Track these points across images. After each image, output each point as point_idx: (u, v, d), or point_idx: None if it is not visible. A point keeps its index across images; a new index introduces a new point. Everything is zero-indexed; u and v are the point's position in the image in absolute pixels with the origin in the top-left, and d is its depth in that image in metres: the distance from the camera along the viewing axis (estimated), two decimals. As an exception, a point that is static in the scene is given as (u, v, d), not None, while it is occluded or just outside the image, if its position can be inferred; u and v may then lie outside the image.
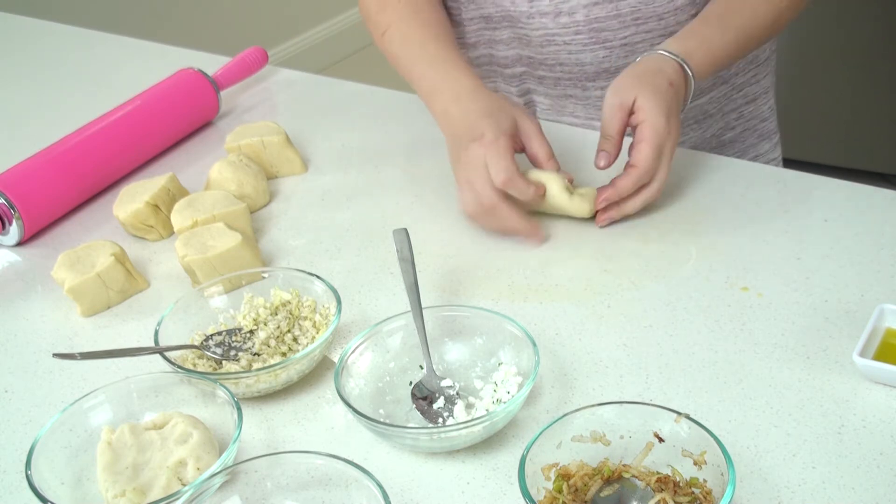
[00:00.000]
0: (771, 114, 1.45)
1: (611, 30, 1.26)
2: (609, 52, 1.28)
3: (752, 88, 1.40)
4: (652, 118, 1.08)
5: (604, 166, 1.12)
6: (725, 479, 0.74)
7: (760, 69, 1.40)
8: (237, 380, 0.93)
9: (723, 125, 1.39)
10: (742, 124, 1.41)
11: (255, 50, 1.54)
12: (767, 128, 1.44)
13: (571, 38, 1.28)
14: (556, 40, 1.28)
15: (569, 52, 1.29)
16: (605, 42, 1.27)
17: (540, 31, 1.28)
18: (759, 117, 1.43)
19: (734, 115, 1.40)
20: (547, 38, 1.29)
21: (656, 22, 1.26)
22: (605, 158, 1.12)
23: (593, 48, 1.28)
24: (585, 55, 1.29)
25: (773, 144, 1.46)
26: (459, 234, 1.16)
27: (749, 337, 0.96)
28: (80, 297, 1.09)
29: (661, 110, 1.08)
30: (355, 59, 3.56)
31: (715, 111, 1.38)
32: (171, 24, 3.01)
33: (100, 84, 1.64)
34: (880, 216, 1.10)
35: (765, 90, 1.42)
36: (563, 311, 1.02)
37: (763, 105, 1.43)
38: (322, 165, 1.34)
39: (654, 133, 1.08)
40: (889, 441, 0.83)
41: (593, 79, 1.32)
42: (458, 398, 0.91)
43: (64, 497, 0.85)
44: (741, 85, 1.39)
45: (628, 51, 1.28)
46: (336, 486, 0.81)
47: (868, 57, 2.68)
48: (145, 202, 1.20)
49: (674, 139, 1.10)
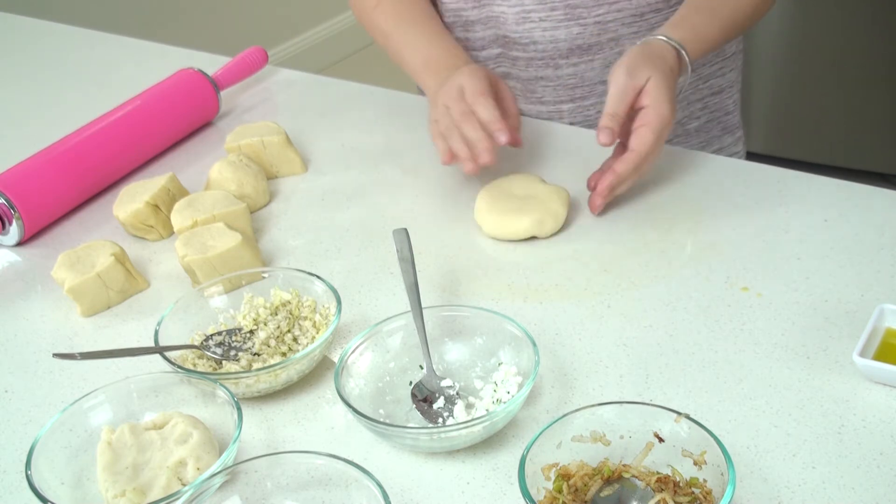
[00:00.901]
0: (735, 108, 1.47)
1: (585, 6, 1.29)
2: (583, 30, 1.31)
3: (717, 81, 1.42)
4: (658, 104, 1.10)
5: (607, 143, 1.10)
6: (725, 479, 0.74)
7: (727, 63, 1.43)
8: (237, 380, 0.93)
9: (687, 114, 1.41)
10: (706, 115, 1.43)
11: (255, 50, 1.54)
12: (731, 121, 1.46)
13: (547, 15, 1.31)
14: (532, 17, 1.31)
15: (543, 29, 1.32)
16: (580, 19, 1.30)
17: (516, 9, 1.31)
18: (723, 110, 1.45)
19: (699, 105, 1.42)
20: (522, 16, 1.32)
21: (627, 2, 1.29)
22: (609, 136, 1.09)
23: (567, 24, 1.31)
24: (560, 31, 1.31)
25: (736, 139, 1.48)
26: (459, 234, 1.16)
27: (749, 337, 0.96)
28: (80, 297, 1.09)
29: (667, 97, 1.10)
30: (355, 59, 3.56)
31: (680, 99, 1.37)
32: (171, 24, 3.01)
33: (100, 84, 1.64)
34: (880, 216, 1.10)
35: (730, 84, 1.44)
36: (563, 311, 1.02)
37: (727, 99, 1.45)
38: (322, 165, 1.34)
39: (659, 119, 1.10)
40: (889, 441, 0.83)
41: (566, 56, 1.34)
42: (458, 398, 0.91)
43: (64, 497, 0.85)
44: (707, 76, 1.41)
45: (601, 29, 1.31)
46: (336, 486, 0.81)
47: (868, 56, 2.68)
48: (145, 202, 1.20)
49: (672, 126, 1.12)
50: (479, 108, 1.14)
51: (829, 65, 2.74)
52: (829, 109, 2.78)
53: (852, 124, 2.79)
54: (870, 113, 2.75)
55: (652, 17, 1.32)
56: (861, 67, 2.71)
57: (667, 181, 1.18)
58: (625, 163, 1.11)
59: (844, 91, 2.75)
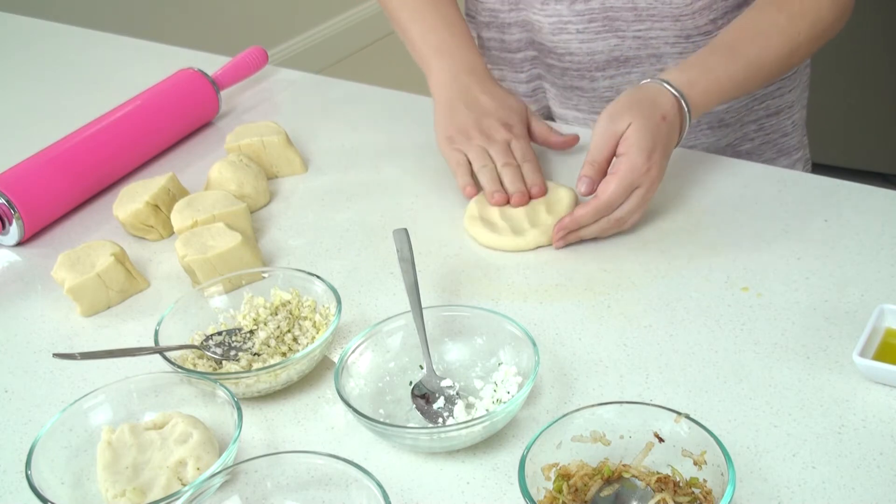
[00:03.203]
0: (794, 129, 1.40)
1: (625, 20, 1.25)
2: (620, 41, 1.27)
3: (775, 101, 1.36)
4: (632, 154, 1.05)
5: (585, 192, 1.08)
6: (725, 479, 0.74)
7: (786, 82, 1.36)
8: (237, 380, 0.93)
9: (740, 136, 1.36)
10: (761, 137, 1.37)
11: (255, 50, 1.54)
12: (788, 143, 1.39)
13: (585, 27, 1.27)
14: (569, 28, 1.28)
15: (580, 40, 1.29)
16: (618, 31, 1.27)
17: (553, 18, 1.28)
18: (780, 131, 1.38)
19: (753, 127, 1.36)
20: (559, 26, 1.29)
21: (672, 22, 1.25)
22: (587, 185, 1.08)
23: (605, 36, 1.27)
24: (597, 44, 1.28)
25: (793, 161, 1.40)
26: (459, 234, 1.16)
27: (749, 337, 0.96)
28: (80, 297, 1.09)
29: (644, 147, 1.05)
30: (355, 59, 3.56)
31: (733, 121, 1.34)
32: (171, 24, 3.01)
33: (100, 84, 1.63)
34: (880, 216, 1.10)
35: (789, 104, 1.37)
36: (563, 311, 1.02)
37: (786, 120, 1.38)
38: (322, 165, 1.34)
39: (629, 170, 1.05)
40: (889, 441, 0.83)
41: (603, 68, 1.31)
42: (458, 398, 0.91)
43: (64, 497, 0.85)
44: (763, 97, 1.35)
45: (640, 43, 1.27)
46: (336, 486, 0.81)
47: (867, 56, 2.68)
48: (145, 202, 1.20)
49: (653, 177, 1.06)
50: (530, 170, 1.17)
51: (829, 65, 2.73)
52: (829, 109, 2.78)
53: (852, 124, 2.79)
54: (870, 113, 2.75)
55: (700, 41, 1.26)
56: (861, 67, 2.71)
57: (667, 181, 1.17)
58: (585, 207, 1.07)
59: (844, 91, 2.75)
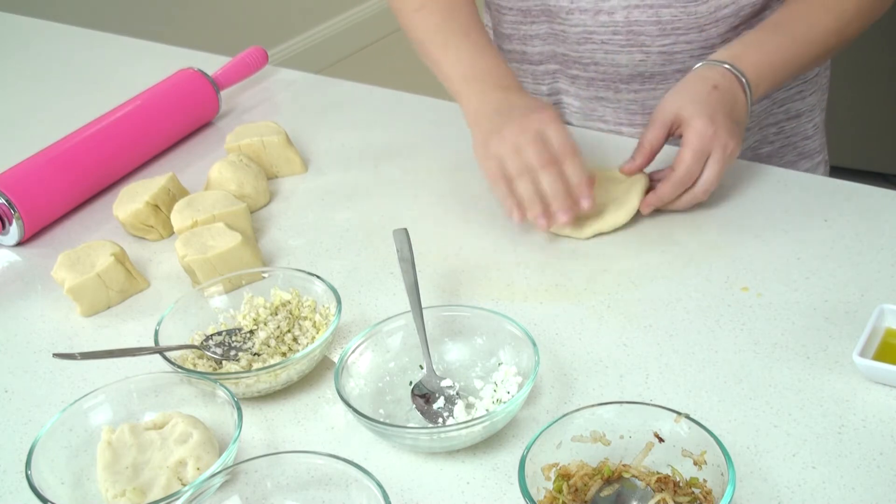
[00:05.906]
0: (815, 132, 1.41)
1: (649, 35, 1.24)
2: (646, 57, 1.27)
3: (795, 105, 1.36)
4: (693, 123, 1.08)
5: (626, 172, 1.14)
6: (725, 479, 0.74)
7: (807, 86, 1.37)
8: (237, 380, 0.93)
9: (760, 138, 1.36)
10: (781, 140, 1.38)
11: (255, 50, 1.54)
12: (809, 146, 1.40)
13: (609, 38, 1.27)
14: (594, 38, 1.27)
15: (605, 51, 1.28)
16: (643, 46, 1.26)
17: (578, 28, 1.27)
18: (801, 135, 1.39)
19: (773, 130, 1.37)
20: (584, 36, 1.28)
21: (697, 34, 1.24)
22: (630, 166, 1.13)
23: (630, 50, 1.27)
24: (621, 56, 1.27)
25: (814, 164, 1.41)
26: (459, 234, 1.16)
27: (749, 337, 0.96)
28: (80, 297, 1.09)
29: (702, 113, 1.07)
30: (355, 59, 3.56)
31: (752, 124, 1.34)
32: (171, 24, 3.01)
33: (100, 84, 1.64)
34: (880, 216, 1.10)
35: (810, 108, 1.38)
36: (563, 311, 1.02)
37: (807, 123, 1.39)
38: (322, 165, 1.34)
39: (695, 136, 1.07)
40: (889, 441, 0.83)
41: (627, 81, 1.30)
42: (458, 398, 0.91)
43: (64, 497, 0.85)
44: (783, 100, 1.35)
45: (665, 59, 1.26)
46: (336, 486, 0.81)
47: (868, 56, 2.68)
48: (145, 202, 1.20)
49: (723, 141, 1.07)
50: (571, 166, 1.08)
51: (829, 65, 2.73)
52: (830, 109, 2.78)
53: (852, 124, 2.79)
54: (870, 113, 2.75)
55: None
56: (861, 67, 2.71)
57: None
58: (665, 183, 1.10)
59: (844, 91, 2.75)
